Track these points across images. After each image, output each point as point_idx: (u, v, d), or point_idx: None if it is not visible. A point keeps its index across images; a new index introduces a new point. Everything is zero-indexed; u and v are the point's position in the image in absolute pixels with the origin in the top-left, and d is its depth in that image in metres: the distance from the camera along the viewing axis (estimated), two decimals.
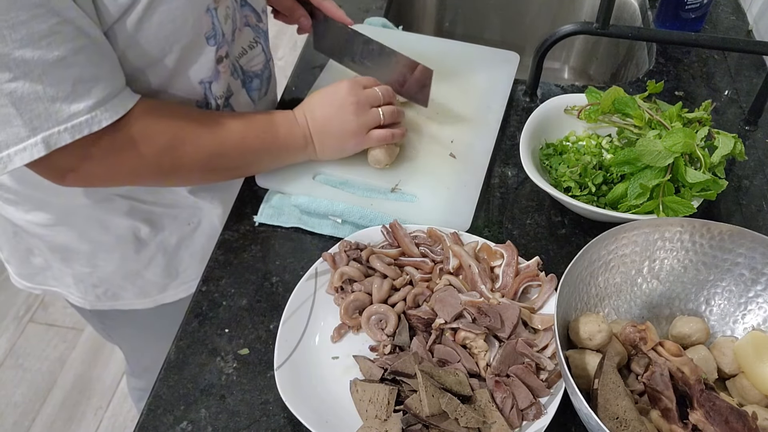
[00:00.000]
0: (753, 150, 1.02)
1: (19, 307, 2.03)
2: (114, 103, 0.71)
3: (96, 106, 0.69)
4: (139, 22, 0.71)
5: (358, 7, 1.28)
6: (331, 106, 0.87)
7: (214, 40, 0.79)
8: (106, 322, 1.14)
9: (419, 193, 0.90)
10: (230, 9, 0.82)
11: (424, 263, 0.81)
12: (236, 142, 0.83)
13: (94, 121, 0.69)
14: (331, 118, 0.87)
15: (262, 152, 0.86)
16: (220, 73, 0.83)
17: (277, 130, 0.86)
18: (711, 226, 0.73)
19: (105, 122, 0.70)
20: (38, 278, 1.03)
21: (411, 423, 0.66)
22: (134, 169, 0.78)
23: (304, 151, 0.89)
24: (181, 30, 0.75)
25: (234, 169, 0.87)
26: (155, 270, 0.99)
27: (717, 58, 1.19)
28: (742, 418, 0.61)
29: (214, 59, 0.81)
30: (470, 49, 1.14)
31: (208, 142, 0.81)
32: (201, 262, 1.01)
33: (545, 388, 0.69)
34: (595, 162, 0.89)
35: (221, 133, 0.82)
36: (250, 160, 0.86)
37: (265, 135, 0.85)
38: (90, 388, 1.86)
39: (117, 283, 1.00)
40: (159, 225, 0.95)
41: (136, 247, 0.96)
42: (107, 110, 0.70)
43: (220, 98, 0.86)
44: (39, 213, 0.91)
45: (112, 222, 0.92)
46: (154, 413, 0.71)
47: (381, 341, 0.74)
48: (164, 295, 1.03)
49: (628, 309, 0.76)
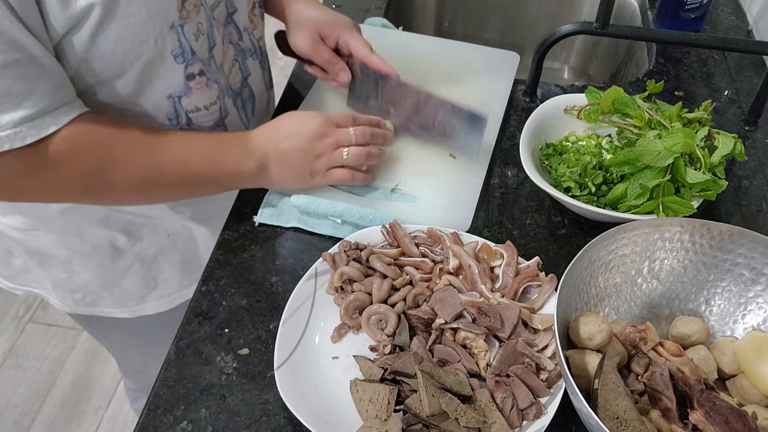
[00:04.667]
0: (753, 150, 1.02)
1: (19, 307, 2.03)
2: (45, 120, 0.68)
3: (22, 122, 0.66)
4: (92, 37, 0.69)
5: (358, 7, 1.28)
6: (299, 140, 0.83)
7: (182, 58, 0.77)
8: (90, 324, 1.13)
9: (419, 193, 0.90)
10: (204, 26, 0.79)
11: (424, 263, 0.81)
12: (176, 166, 0.79)
13: (17, 136, 0.66)
14: (295, 152, 0.84)
15: (206, 177, 0.82)
16: (192, 89, 0.81)
17: (225, 155, 0.82)
18: (711, 226, 0.73)
19: (29, 139, 0.67)
20: (19, 279, 1.02)
21: (411, 423, 0.66)
22: (60, 188, 0.76)
23: (257, 178, 0.85)
24: (141, 47, 0.72)
25: (175, 192, 0.84)
26: (132, 279, 0.98)
27: (717, 58, 1.19)
28: (742, 418, 0.61)
29: (183, 76, 0.79)
30: (470, 49, 1.14)
31: (143, 165, 0.77)
32: (182, 273, 1.00)
33: (545, 388, 0.69)
34: (595, 162, 0.89)
35: (160, 156, 0.78)
36: (192, 184, 0.82)
37: (210, 160, 0.81)
38: (90, 388, 1.86)
39: (94, 291, 0.99)
40: (137, 235, 0.94)
41: (112, 256, 0.94)
42: (35, 126, 0.67)
43: (192, 112, 0.83)
44: (16, 217, 0.90)
45: (88, 230, 0.91)
46: (154, 413, 0.71)
47: (381, 341, 0.74)
48: (143, 307, 1.02)
49: (628, 309, 0.76)
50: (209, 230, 0.98)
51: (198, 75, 0.81)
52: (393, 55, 0.97)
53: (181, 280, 1.02)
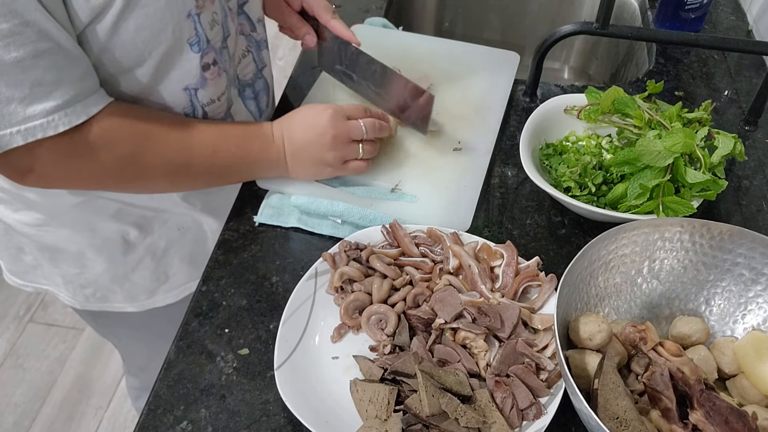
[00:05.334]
0: (753, 150, 1.02)
1: (19, 307, 2.03)
2: (76, 109, 0.70)
3: (54, 110, 0.68)
4: (113, 26, 0.70)
5: (358, 7, 1.28)
6: (310, 133, 0.85)
7: (198, 47, 0.78)
8: (98, 320, 1.13)
9: (419, 193, 0.90)
10: (218, 16, 0.80)
11: (424, 263, 0.81)
12: (206, 155, 0.81)
13: (50, 125, 0.68)
14: (308, 145, 0.86)
15: (232, 166, 0.85)
16: (207, 80, 0.82)
17: (251, 144, 0.85)
18: (711, 226, 0.73)
19: (62, 127, 0.69)
20: (29, 276, 1.03)
21: (411, 423, 0.66)
22: (94, 175, 0.78)
23: (276, 168, 0.88)
24: (160, 35, 0.74)
25: (202, 180, 0.86)
26: (143, 273, 0.99)
27: (717, 58, 1.19)
28: (742, 418, 0.61)
29: (199, 66, 0.79)
30: (470, 49, 1.14)
31: (176, 153, 0.80)
32: (191, 266, 1.01)
33: (545, 388, 0.69)
34: (595, 162, 0.89)
35: (191, 144, 0.80)
36: (219, 172, 0.85)
37: (237, 149, 0.84)
38: (90, 388, 1.86)
39: (105, 286, 1.00)
40: (148, 229, 0.95)
41: (123, 250, 0.95)
42: (67, 115, 0.69)
43: (207, 105, 0.84)
44: (28, 212, 0.91)
45: (100, 224, 0.92)
46: (154, 413, 0.71)
47: (381, 341, 0.74)
48: (153, 300, 1.03)
49: (628, 309, 0.76)
50: (218, 223, 0.98)
51: (212, 65, 0.82)
52: (393, 55, 0.97)
53: (190, 273, 1.02)
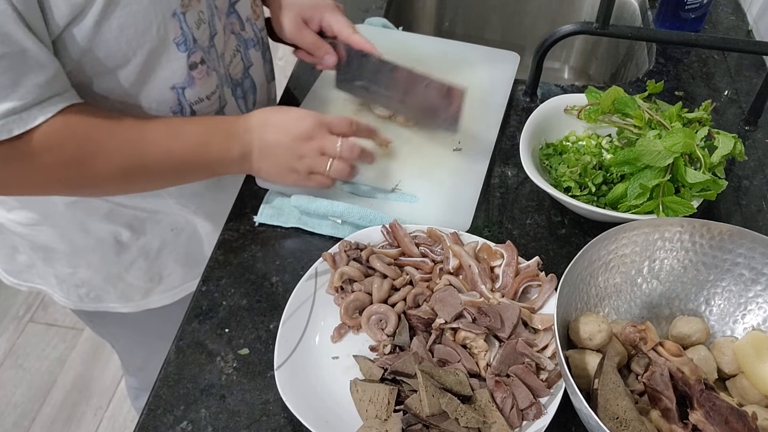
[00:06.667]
0: (753, 150, 1.02)
1: (19, 307, 2.03)
2: (32, 112, 0.69)
3: (7, 114, 0.67)
4: (96, 25, 0.69)
5: (358, 7, 1.28)
6: (285, 135, 0.82)
7: (185, 46, 0.77)
8: (94, 320, 1.14)
9: (419, 193, 0.90)
10: (205, 15, 0.79)
11: (424, 263, 0.81)
12: (160, 156, 0.79)
13: (4, 128, 0.67)
14: (279, 147, 0.83)
15: (191, 166, 0.82)
16: (195, 79, 0.81)
17: (210, 143, 0.81)
18: (711, 226, 0.73)
19: (16, 130, 0.68)
20: (24, 275, 1.03)
21: (411, 423, 0.66)
22: (40, 181, 0.76)
23: (240, 165, 0.84)
24: (144, 35, 0.73)
25: (160, 181, 0.84)
26: (137, 274, 0.99)
27: (717, 58, 1.19)
28: (742, 418, 0.61)
29: (186, 65, 0.79)
30: (470, 49, 1.14)
31: (124, 156, 0.77)
32: (186, 268, 1.01)
33: (545, 388, 0.69)
34: (595, 162, 0.89)
35: (142, 146, 0.78)
36: (177, 173, 0.83)
37: (194, 149, 0.81)
38: (90, 388, 1.86)
39: (99, 286, 0.99)
40: (140, 229, 0.94)
41: (116, 251, 0.95)
42: (21, 119, 0.68)
43: (195, 104, 0.83)
44: (21, 212, 0.91)
45: (92, 224, 0.91)
46: (154, 413, 0.71)
47: (381, 341, 0.74)
48: (148, 301, 1.03)
49: (628, 309, 0.76)
50: (213, 225, 0.98)
51: (200, 64, 0.81)
52: (393, 55, 0.97)
53: (185, 274, 1.02)
